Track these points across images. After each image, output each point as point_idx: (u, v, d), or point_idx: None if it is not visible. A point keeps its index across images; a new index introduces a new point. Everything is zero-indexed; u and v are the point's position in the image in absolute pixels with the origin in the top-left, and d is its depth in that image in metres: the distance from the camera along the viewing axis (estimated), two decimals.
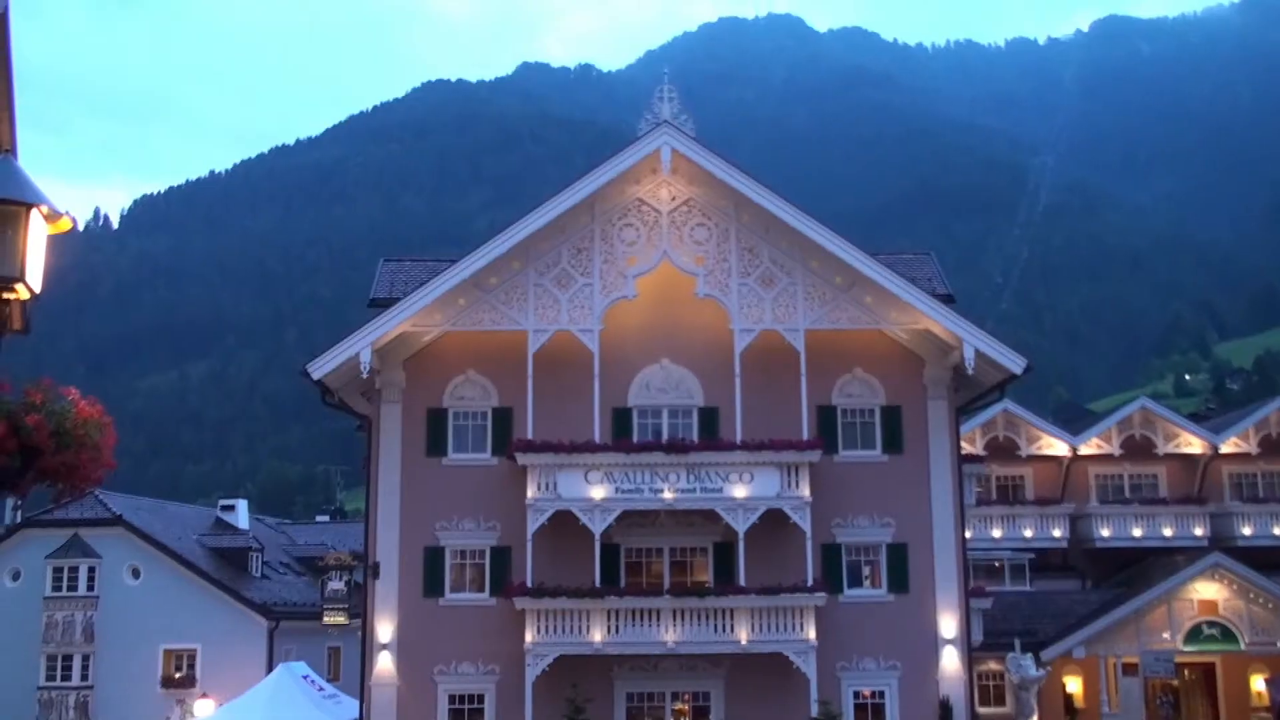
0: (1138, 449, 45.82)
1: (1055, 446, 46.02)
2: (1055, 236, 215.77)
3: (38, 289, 8.35)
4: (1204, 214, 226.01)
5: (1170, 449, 45.91)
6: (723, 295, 31.70)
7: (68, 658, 39.86)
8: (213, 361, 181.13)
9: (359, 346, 30.38)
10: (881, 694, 31.35)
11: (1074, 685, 40.02)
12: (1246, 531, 44.20)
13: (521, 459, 30.63)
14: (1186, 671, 40.25)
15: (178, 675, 40.01)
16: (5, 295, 8.19)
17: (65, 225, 8.61)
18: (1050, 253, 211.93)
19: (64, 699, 39.55)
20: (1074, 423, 49.80)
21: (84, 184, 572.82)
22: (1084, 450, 45.93)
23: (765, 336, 31.49)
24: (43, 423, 7.23)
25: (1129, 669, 37.19)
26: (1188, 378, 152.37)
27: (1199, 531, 44.19)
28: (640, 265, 31.80)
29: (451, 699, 31.01)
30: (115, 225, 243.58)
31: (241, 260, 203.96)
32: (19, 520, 43.55)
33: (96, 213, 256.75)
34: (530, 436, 30.80)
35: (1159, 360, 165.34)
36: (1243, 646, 38.41)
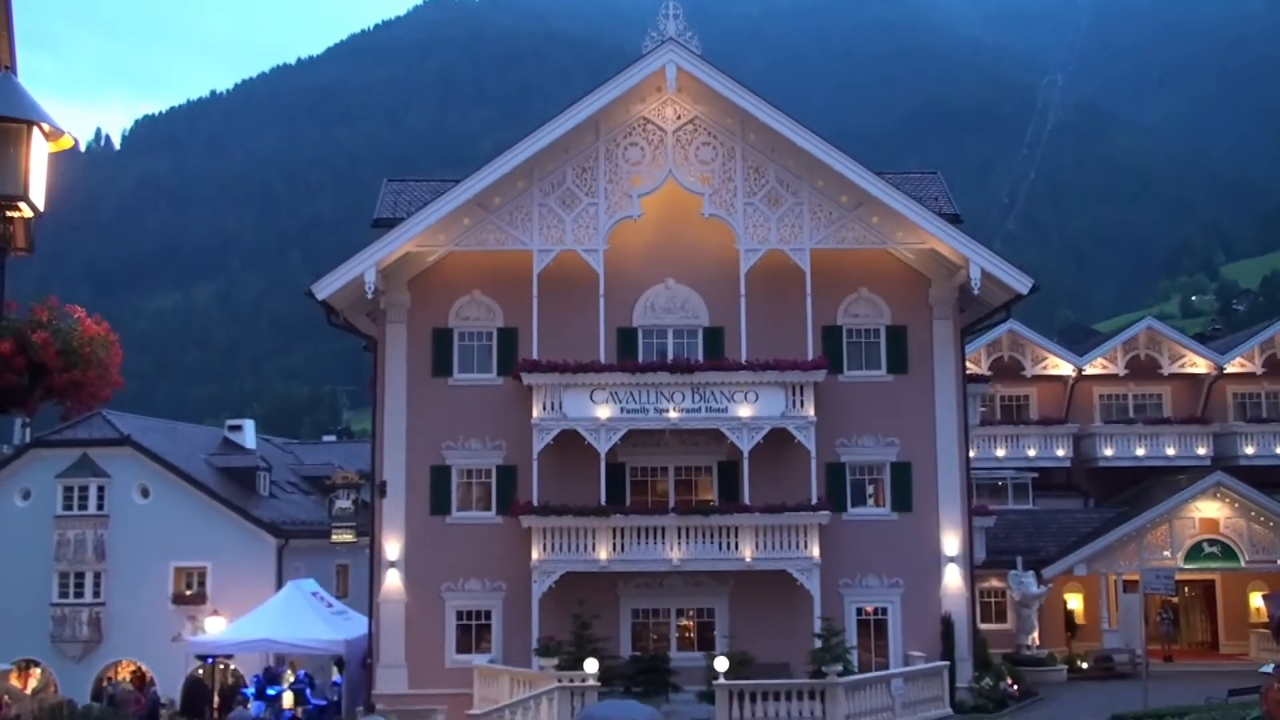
0: (1142, 369, 45.88)
1: (1060, 367, 46.08)
2: (1064, 156, 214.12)
3: (41, 208, 8.34)
4: (1214, 134, 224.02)
5: (1175, 369, 45.97)
6: (728, 215, 31.58)
7: (79, 575, 40.30)
8: (217, 283, 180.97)
9: (363, 267, 30.38)
10: (884, 611, 31.70)
11: (1075, 602, 40.45)
12: (1249, 451, 44.40)
13: (527, 379, 30.72)
14: (1186, 588, 40.65)
15: (188, 592, 40.45)
16: (9, 214, 8.18)
17: (67, 143, 8.57)
18: (1058, 173, 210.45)
19: (77, 615, 40.06)
20: (1079, 343, 49.79)
21: (84, 103, 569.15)
22: (1089, 370, 45.98)
23: (771, 256, 31.42)
24: (50, 340, 7.25)
25: (1129, 586, 37.49)
26: (1194, 299, 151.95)
27: (1202, 451, 44.40)
28: (645, 185, 31.65)
29: (459, 615, 31.41)
30: (117, 146, 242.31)
31: (244, 182, 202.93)
32: (28, 440, 43.82)
33: (98, 133, 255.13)
34: (535, 357, 30.87)
35: (1166, 281, 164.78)
36: (1243, 564, 38.74)
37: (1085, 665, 36.40)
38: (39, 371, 7.33)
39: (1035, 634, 36.54)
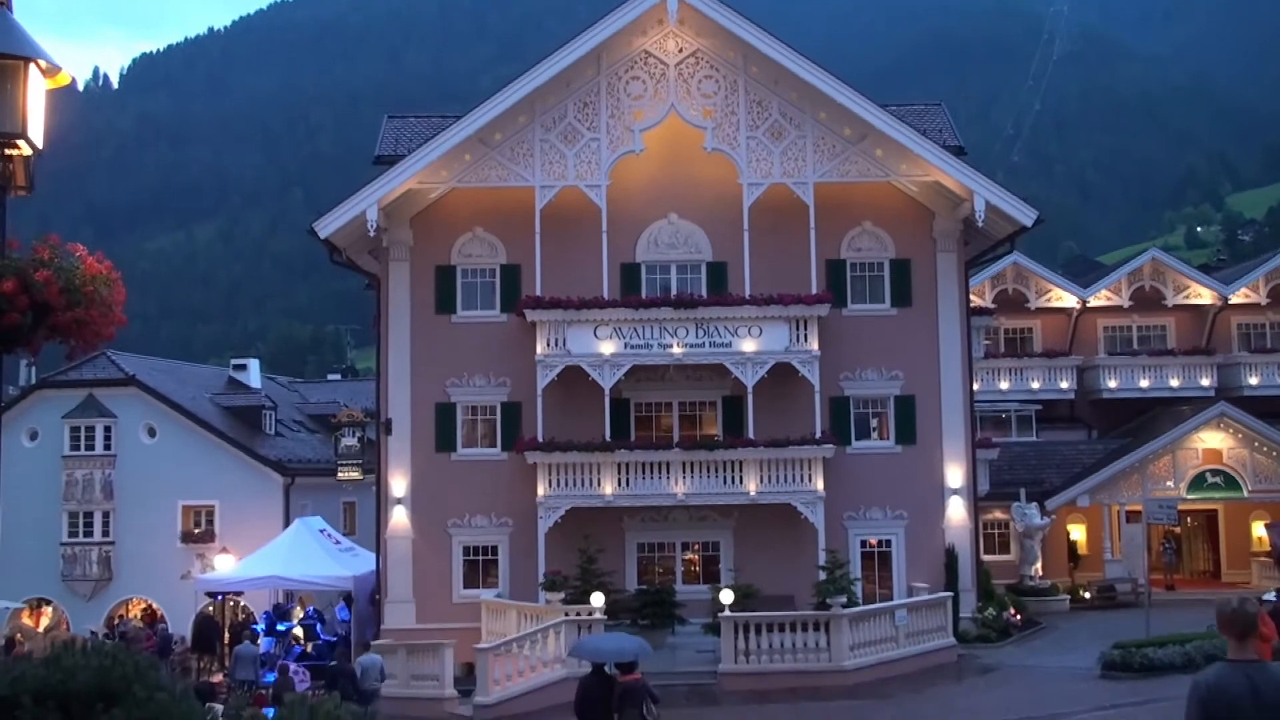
0: (1147, 300, 45.79)
1: (1064, 299, 46.00)
2: (1069, 87, 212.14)
3: (40, 145, 8.29)
4: (1220, 64, 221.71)
5: (1179, 300, 45.88)
6: (731, 149, 31.39)
7: (88, 515, 40.61)
8: (219, 222, 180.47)
9: (365, 204, 30.27)
10: (888, 543, 31.90)
11: (1078, 533, 40.70)
12: (1253, 381, 44.41)
13: (531, 315, 30.71)
14: (1189, 518, 40.85)
15: (197, 530, 40.75)
16: (8, 152, 8.14)
17: (64, 80, 8.50)
18: (1063, 104, 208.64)
19: (87, 554, 40.41)
20: (1083, 276, 49.67)
21: (81, 42, 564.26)
22: (1093, 302, 45.91)
23: (774, 190, 31.28)
24: (52, 279, 7.24)
25: (1132, 516, 37.69)
26: (1199, 230, 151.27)
27: (1206, 382, 44.41)
28: (647, 119, 31.44)
29: (465, 550, 31.64)
30: (115, 85, 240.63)
31: (244, 120, 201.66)
32: (34, 381, 43.96)
33: (95, 72, 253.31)
34: (539, 293, 30.84)
35: (1171, 212, 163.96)
36: (1245, 494, 38.93)
37: (1088, 595, 36.68)
38: (42, 310, 7.33)
39: (1038, 565, 36.79)
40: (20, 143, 8.07)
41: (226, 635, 33.76)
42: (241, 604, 37.32)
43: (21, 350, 7.72)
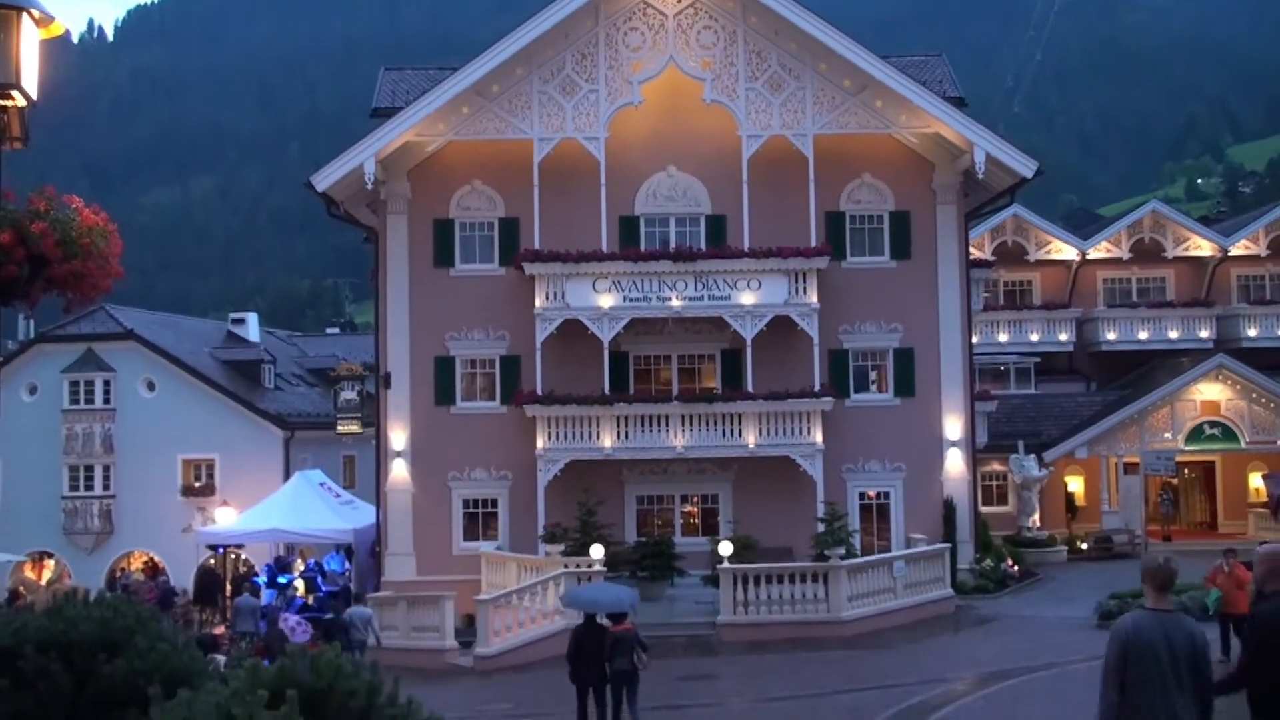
0: (1147, 252, 45.72)
1: (1064, 251, 45.92)
2: (1070, 38, 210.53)
3: (34, 96, 8.23)
4: (1223, 14, 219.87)
5: (1179, 252, 45.82)
6: (730, 100, 31.21)
7: (89, 468, 40.68)
8: (216, 176, 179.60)
9: (362, 157, 30.15)
10: (886, 495, 32.01)
11: (1075, 485, 40.84)
12: (1252, 333, 44.43)
13: (529, 269, 30.66)
14: (1186, 470, 40.99)
15: (197, 484, 40.84)
16: (2, 103, 8.08)
17: (57, 30, 8.43)
18: (1065, 55, 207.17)
19: (88, 507, 40.54)
20: (1083, 228, 49.56)
21: None
22: (1093, 254, 45.84)
23: (773, 142, 31.13)
24: (48, 231, 7.20)
25: (1130, 468, 37.86)
26: (1200, 182, 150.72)
27: (1205, 334, 44.44)
28: (646, 70, 31.24)
29: (465, 504, 31.75)
30: (110, 37, 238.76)
31: (240, 73, 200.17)
32: (32, 336, 43.92)
33: (90, 24, 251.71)
34: (537, 246, 30.77)
35: (1171, 164, 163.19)
36: (1243, 445, 39.03)
37: (1085, 546, 36.85)
38: (39, 262, 7.30)
39: (1036, 516, 36.94)
40: (14, 93, 8.00)
41: (228, 588, 33.93)
42: (243, 557, 37.49)
43: (19, 303, 7.70)
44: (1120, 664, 7.15)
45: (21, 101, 8.09)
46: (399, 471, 31.63)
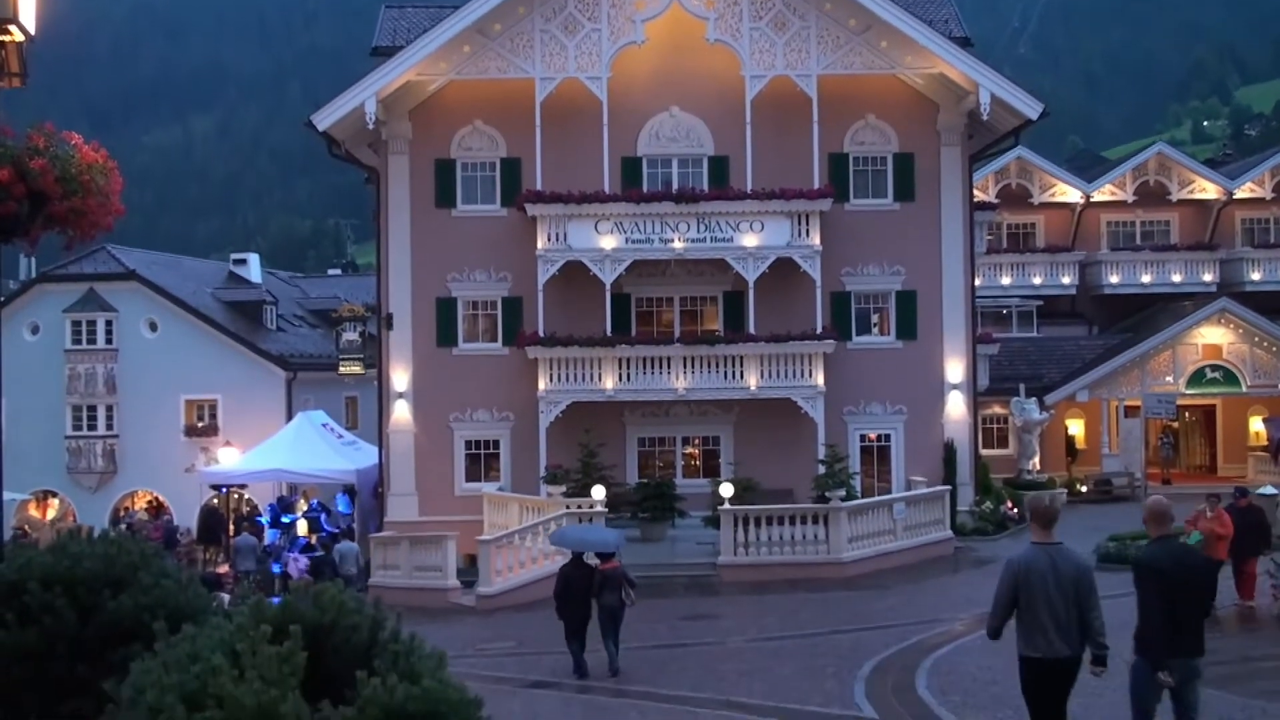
0: (1151, 195, 45.52)
1: (1068, 193, 45.71)
2: None
3: (33, 31, 8.15)
4: None
5: (1184, 195, 45.62)
6: (734, 40, 30.93)
7: (92, 408, 40.75)
8: (216, 115, 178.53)
9: (363, 96, 29.95)
10: (887, 437, 32.09)
11: (1076, 428, 40.92)
12: (1255, 277, 44.33)
13: (531, 210, 30.55)
14: (1187, 413, 41.08)
15: (200, 425, 40.93)
16: (0, 38, 8.00)
17: None
18: None
19: (91, 447, 40.65)
20: (1088, 170, 49.28)
21: None
22: (1097, 197, 45.63)
23: (777, 83, 30.88)
24: (48, 167, 7.15)
25: (1131, 411, 37.90)
26: (1206, 124, 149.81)
27: (1208, 277, 44.35)
28: (649, 9, 30.92)
29: (468, 445, 31.85)
30: None
31: (240, 11, 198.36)
32: (34, 275, 43.84)
33: None
34: (539, 187, 30.63)
35: (1177, 106, 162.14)
36: (1244, 389, 39.08)
37: (1085, 489, 36.99)
38: (39, 199, 7.25)
39: (1036, 459, 37.02)
40: (11, 28, 7.92)
41: (231, 527, 34.10)
42: (246, 497, 37.66)
43: (19, 240, 7.67)
44: (1011, 591, 8.42)
45: (19, 37, 8.01)
46: (401, 412, 31.70)
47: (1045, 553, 8.56)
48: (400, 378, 31.67)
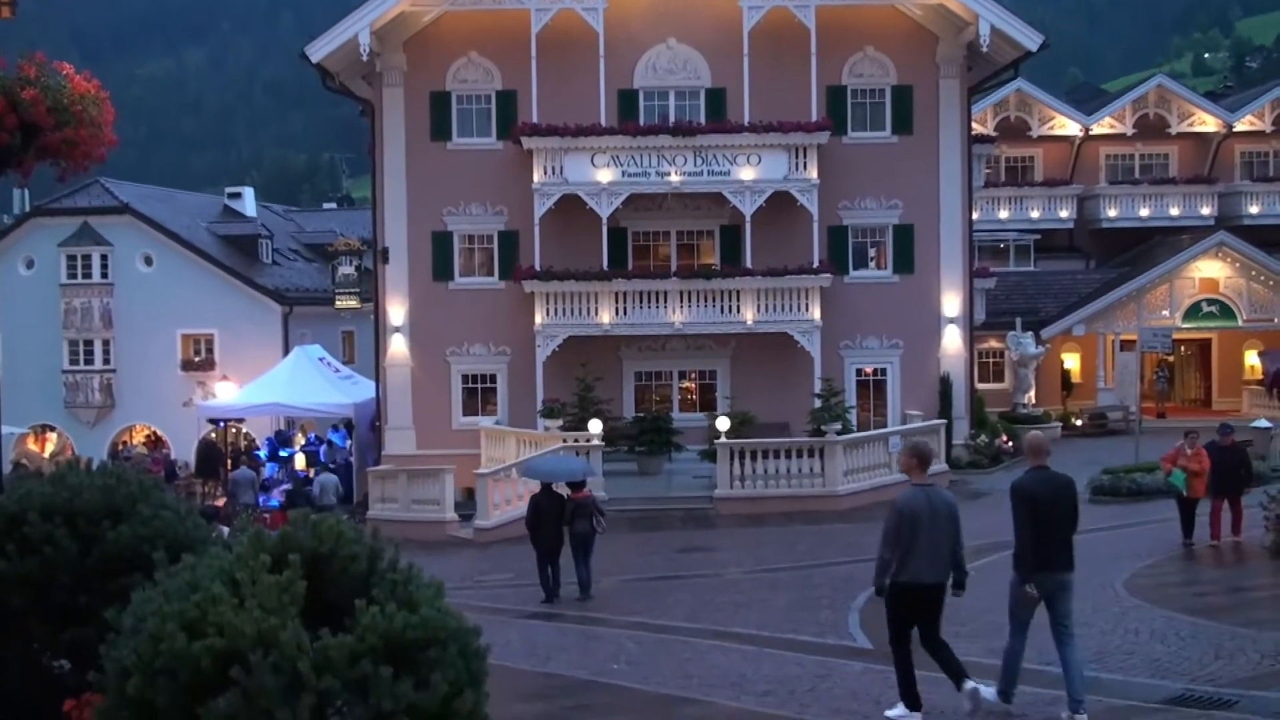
0: (1151, 128, 45.27)
1: (1067, 126, 45.44)
2: None
3: None
4: None
5: (1184, 128, 45.36)
6: None
7: (88, 343, 40.74)
8: (209, 47, 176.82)
9: (357, 27, 29.68)
10: (883, 371, 32.16)
11: (1072, 362, 41.01)
12: (1253, 210, 44.21)
13: (527, 143, 30.38)
14: (1183, 347, 41.15)
15: (197, 359, 40.95)
16: None
17: None
18: None
19: (88, 382, 40.71)
20: (1087, 103, 48.94)
21: None
22: (1096, 130, 45.37)
23: (775, 13, 30.59)
24: (39, 97, 7.09)
25: (1127, 345, 37.93)
26: (1207, 56, 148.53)
27: (1206, 211, 44.22)
28: None
29: (464, 379, 31.90)
30: None
31: None
32: (28, 209, 43.63)
33: None
34: (535, 120, 30.43)
35: (1179, 38, 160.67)
36: (1240, 323, 39.13)
37: (1079, 423, 37.14)
38: (31, 130, 7.21)
39: (1031, 393, 37.15)
40: None
41: (229, 461, 34.23)
42: (243, 431, 37.76)
43: (12, 172, 7.62)
44: (897, 526, 9.35)
45: None
46: (398, 347, 31.72)
47: (924, 492, 9.48)
48: (397, 312, 31.65)
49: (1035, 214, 44.91)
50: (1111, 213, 44.60)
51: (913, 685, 9.51)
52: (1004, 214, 44.74)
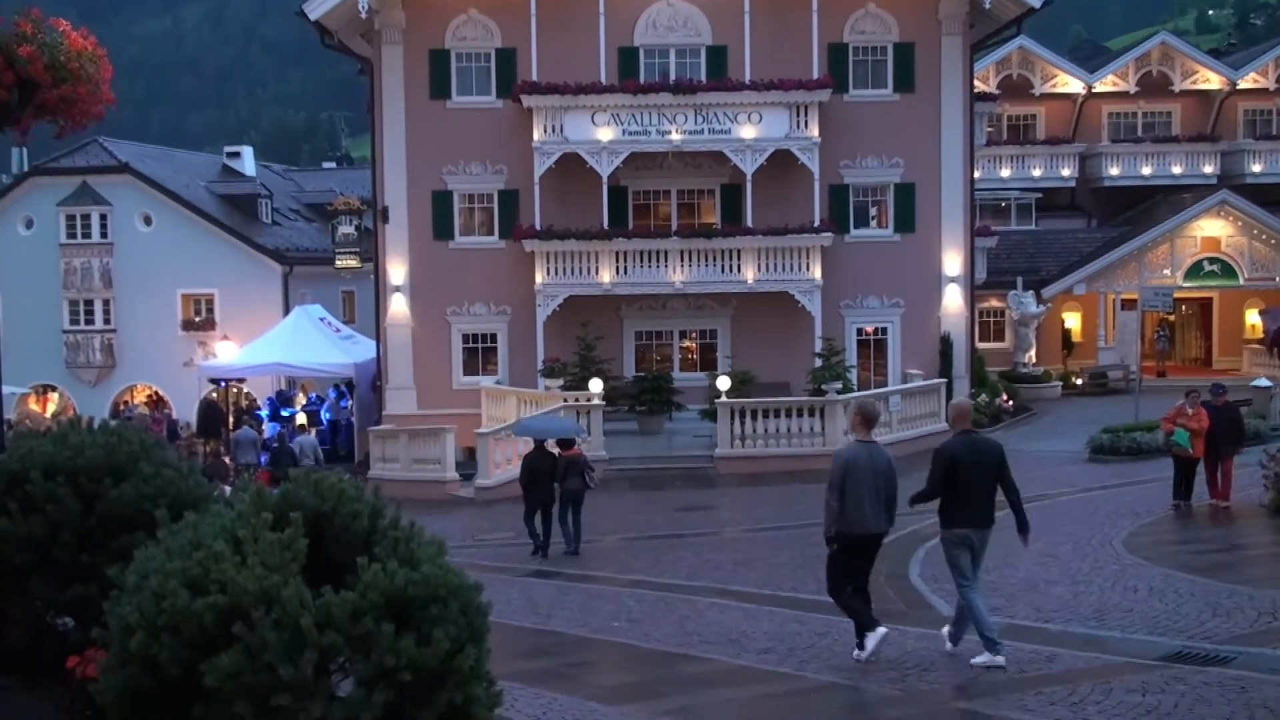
0: (1154, 86, 44.99)
1: (1070, 84, 45.17)
2: None
3: None
4: None
5: (1187, 86, 45.08)
6: None
7: (89, 303, 40.70)
8: (207, 4, 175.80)
9: None
10: (884, 331, 32.15)
11: (1072, 321, 41.00)
12: (1256, 169, 44.01)
13: (527, 101, 30.23)
14: (1184, 306, 41.12)
15: (197, 319, 40.90)
16: None
17: None
18: None
19: (89, 341, 40.69)
20: (1090, 60, 48.66)
21: None
22: (1099, 88, 45.11)
23: None
24: (36, 54, 7.03)
25: (1128, 304, 37.91)
26: (1211, 13, 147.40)
27: (1209, 169, 44.02)
28: None
29: (465, 338, 31.90)
30: None
31: None
32: (26, 168, 43.47)
33: None
34: (535, 78, 30.27)
35: None
36: (1241, 282, 39.09)
37: (1080, 382, 37.17)
38: (28, 88, 7.16)
39: (1032, 352, 37.16)
40: None
41: (231, 421, 34.28)
42: (244, 391, 37.80)
43: (10, 130, 7.59)
44: (841, 478, 10.10)
45: None
46: (398, 306, 31.69)
47: (865, 448, 10.33)
48: (397, 271, 31.60)
49: (1037, 172, 44.74)
50: (1114, 171, 44.41)
51: (865, 614, 10.38)
52: (1006, 172, 44.57)
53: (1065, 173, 44.92)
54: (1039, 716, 8.38)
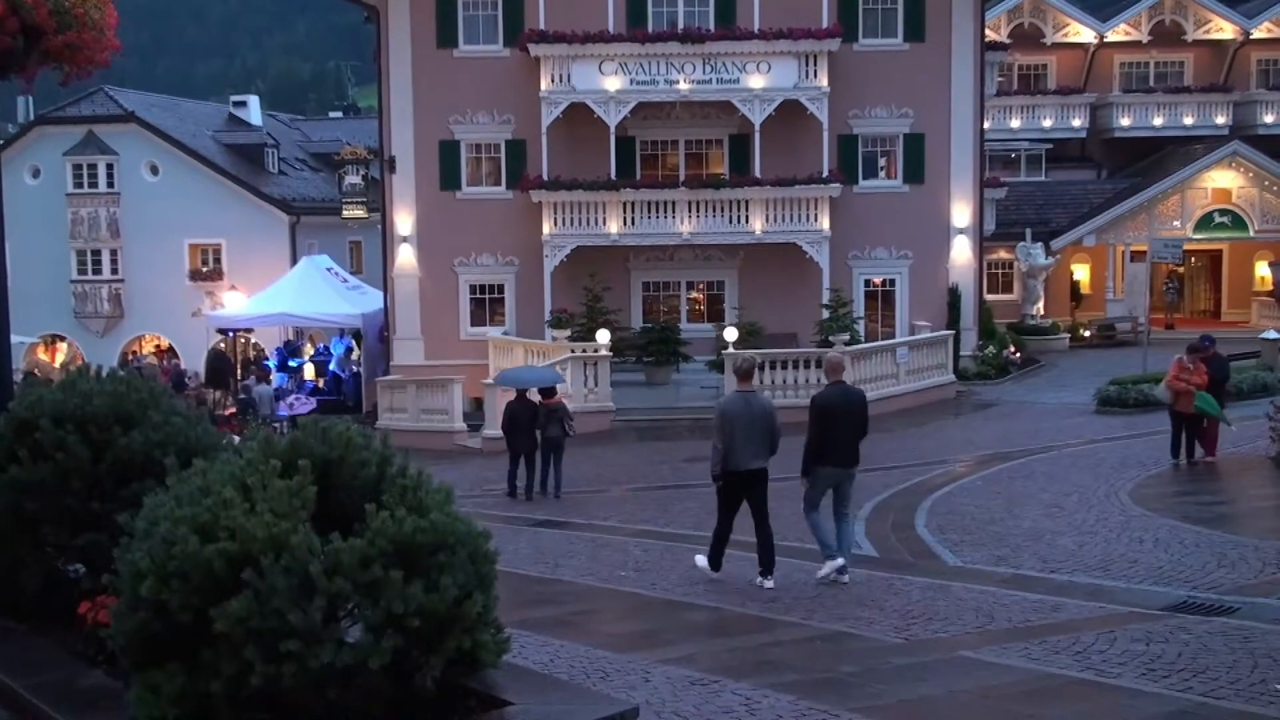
0: (1167, 35, 44.55)
1: (1082, 33, 44.76)
2: None
3: None
4: None
5: (1200, 35, 44.65)
6: None
7: (96, 253, 40.73)
8: None
9: None
10: (892, 282, 32.08)
11: (1081, 273, 40.88)
12: (1269, 119, 43.65)
13: (534, 50, 30.04)
14: (1193, 258, 40.97)
15: (205, 269, 40.94)
16: None
17: None
18: None
19: (97, 291, 40.75)
20: (1103, 9, 48.12)
21: None
22: (1111, 37, 44.69)
23: None
24: (41, 1, 7.03)
25: (1137, 256, 37.78)
26: None
27: (1221, 120, 43.66)
28: None
29: (472, 289, 31.89)
30: None
31: None
32: (32, 117, 43.35)
33: None
34: (542, 26, 30.07)
35: None
36: (1251, 233, 38.92)
37: (1088, 334, 37.11)
38: (33, 34, 7.13)
39: (1040, 304, 37.08)
40: None
41: (239, 370, 34.38)
42: (252, 340, 37.87)
43: (15, 77, 7.56)
44: (722, 424, 11.29)
45: None
46: (405, 257, 31.66)
47: (743, 397, 11.56)
48: (404, 222, 31.55)
49: (1047, 123, 44.42)
50: (1125, 122, 44.09)
51: (721, 552, 11.77)
52: (1016, 123, 44.24)
53: (1076, 123, 44.60)
54: (1043, 665, 8.42)
